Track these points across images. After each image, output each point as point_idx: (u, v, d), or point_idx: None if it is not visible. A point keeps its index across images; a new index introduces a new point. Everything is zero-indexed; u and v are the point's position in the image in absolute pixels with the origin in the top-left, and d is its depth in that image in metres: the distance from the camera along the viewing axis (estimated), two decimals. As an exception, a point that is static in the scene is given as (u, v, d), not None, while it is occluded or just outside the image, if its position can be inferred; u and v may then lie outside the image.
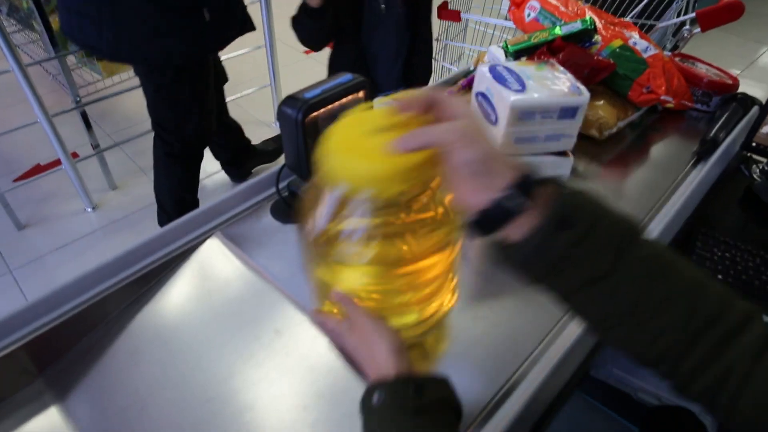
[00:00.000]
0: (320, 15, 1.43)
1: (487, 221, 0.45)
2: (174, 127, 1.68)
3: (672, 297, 0.42)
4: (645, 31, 1.59)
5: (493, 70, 0.82)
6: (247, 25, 1.62)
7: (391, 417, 0.48)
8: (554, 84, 0.81)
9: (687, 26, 1.45)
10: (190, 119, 1.66)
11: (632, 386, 1.17)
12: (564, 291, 0.45)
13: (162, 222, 1.96)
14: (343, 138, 0.50)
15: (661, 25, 1.61)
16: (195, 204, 1.95)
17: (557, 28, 1.03)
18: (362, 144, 0.48)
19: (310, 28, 1.49)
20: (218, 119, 1.90)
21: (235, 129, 2.20)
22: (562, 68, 0.84)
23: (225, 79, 1.91)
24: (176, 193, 1.88)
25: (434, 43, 1.74)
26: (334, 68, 1.66)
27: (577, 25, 1.03)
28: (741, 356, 0.40)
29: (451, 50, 2.17)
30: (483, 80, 0.85)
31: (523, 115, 0.78)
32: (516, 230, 0.43)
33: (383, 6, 1.48)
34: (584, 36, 1.04)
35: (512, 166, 0.44)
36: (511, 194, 0.43)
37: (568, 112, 0.78)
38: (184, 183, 1.88)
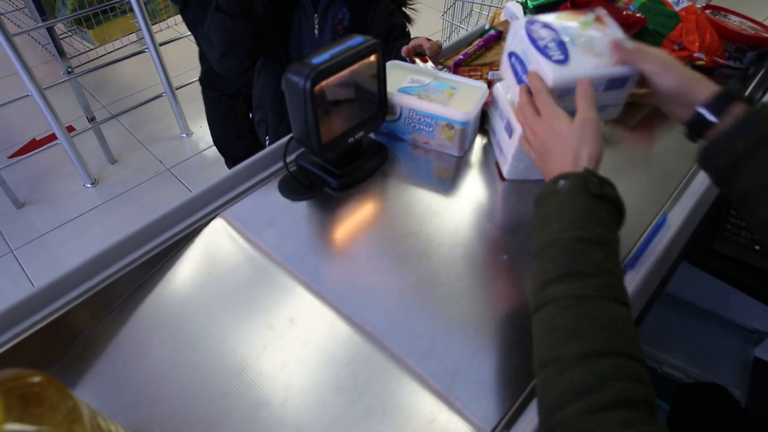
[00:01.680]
0: (242, 5, 1.07)
1: (692, 131, 0.60)
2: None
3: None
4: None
5: (529, 28, 0.70)
6: None
7: (573, 196, 0.54)
8: (602, 49, 0.67)
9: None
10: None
11: (657, 360, 1.14)
12: (740, 194, 0.55)
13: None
14: None
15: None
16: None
17: (582, -20, 0.95)
18: None
19: (226, 28, 1.10)
20: None
21: None
22: (611, 22, 0.71)
23: None
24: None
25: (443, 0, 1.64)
26: (258, 101, 1.39)
27: (603, -23, 0.94)
28: None
29: (459, 7, 2.06)
30: (518, 39, 0.72)
31: (564, 92, 0.68)
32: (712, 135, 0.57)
33: (317, 30, 1.22)
34: (611, -12, 0.96)
35: (710, 88, 0.58)
36: (707, 110, 0.57)
37: (616, 83, 0.69)
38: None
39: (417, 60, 1.00)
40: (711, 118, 0.57)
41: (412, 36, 1.28)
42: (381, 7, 1.24)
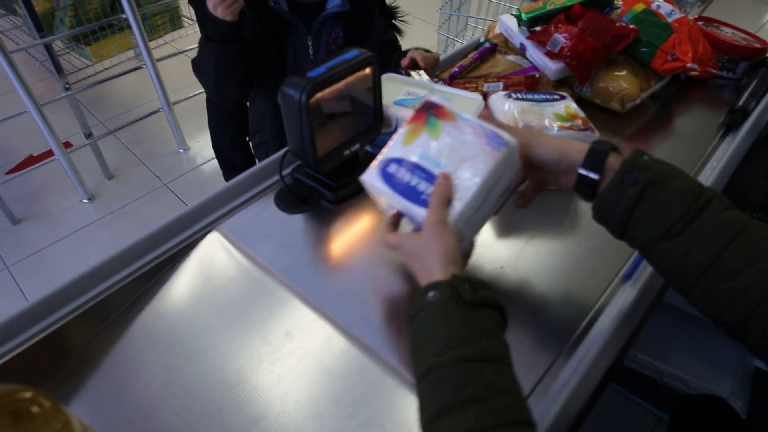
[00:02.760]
0: (231, 33, 1.07)
1: (582, 195, 0.58)
2: None
3: (751, 258, 0.46)
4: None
5: (386, 174, 0.61)
6: None
7: (446, 311, 0.48)
8: (468, 151, 0.58)
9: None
10: None
11: (657, 371, 1.13)
12: (641, 247, 0.53)
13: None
14: None
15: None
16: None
17: (575, -7, 0.96)
18: None
19: (218, 57, 1.10)
20: None
21: None
22: (461, 115, 0.61)
23: None
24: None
25: (438, 15, 1.66)
26: (256, 125, 1.40)
27: (596, -10, 0.95)
28: None
29: (454, 21, 2.08)
30: (390, 199, 0.61)
31: (461, 218, 0.57)
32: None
33: (311, 51, 1.23)
34: (604, 1, 0.97)
35: (579, 149, 0.57)
36: (586, 169, 0.56)
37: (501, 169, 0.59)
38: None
39: (412, 73, 1.01)
40: (593, 176, 0.55)
41: (404, 48, 1.28)
42: (374, 25, 1.25)
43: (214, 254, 0.76)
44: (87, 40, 2.12)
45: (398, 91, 0.91)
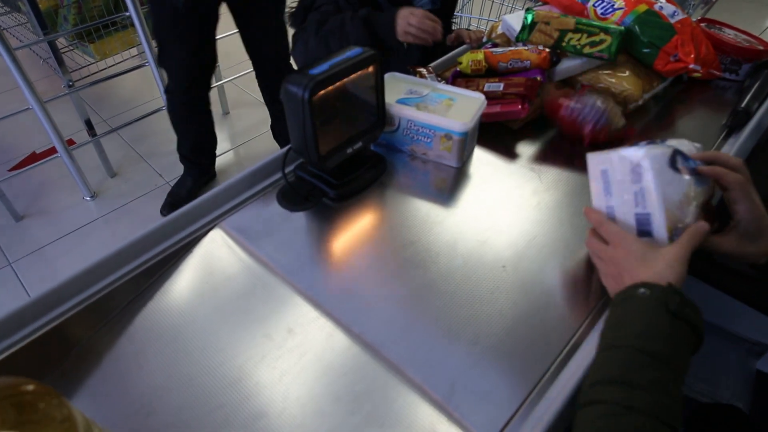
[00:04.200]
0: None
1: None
2: None
3: None
4: None
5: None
6: None
7: (649, 306, 0.54)
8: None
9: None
10: None
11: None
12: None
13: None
14: None
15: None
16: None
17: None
18: None
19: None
20: None
21: None
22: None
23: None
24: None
25: None
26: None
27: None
28: None
29: (456, 21, 2.09)
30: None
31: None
32: None
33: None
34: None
35: None
36: None
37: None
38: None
39: (417, 71, 1.01)
40: None
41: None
42: None
43: (216, 251, 0.76)
44: (90, 38, 2.12)
45: (401, 90, 0.91)
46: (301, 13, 1.30)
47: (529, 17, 1.00)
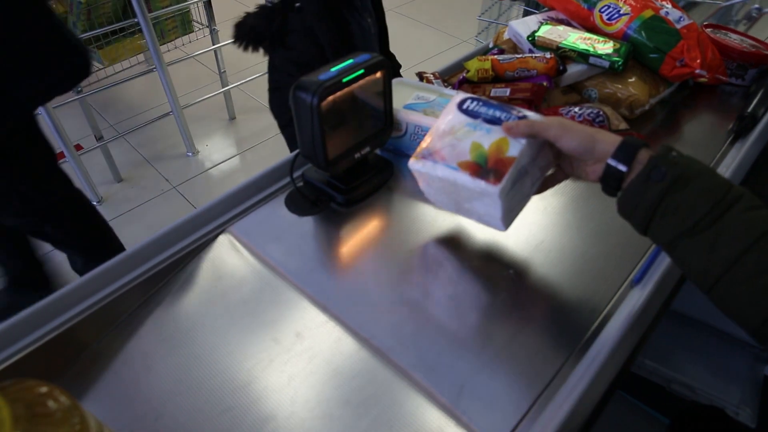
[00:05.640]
0: None
1: (606, 186, 0.58)
2: None
3: None
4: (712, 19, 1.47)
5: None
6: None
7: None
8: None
9: (756, 5, 1.37)
10: None
11: (665, 378, 1.12)
12: (665, 242, 0.53)
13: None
14: None
15: (724, 4, 1.51)
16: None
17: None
18: None
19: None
20: None
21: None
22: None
23: None
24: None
25: (477, 22, 1.67)
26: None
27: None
28: None
29: (493, 29, 2.09)
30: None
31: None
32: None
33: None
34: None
35: (612, 141, 0.57)
36: (615, 160, 0.55)
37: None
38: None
39: (423, 77, 1.02)
40: (621, 167, 0.55)
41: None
42: None
43: (224, 255, 0.77)
44: (99, 44, 2.14)
45: (408, 95, 0.91)
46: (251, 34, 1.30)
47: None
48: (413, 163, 0.70)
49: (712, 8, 1.46)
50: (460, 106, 0.70)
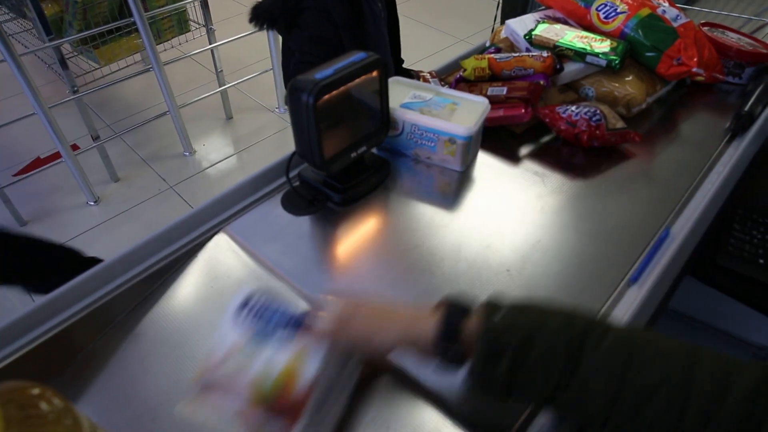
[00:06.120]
0: None
1: (450, 361, 0.50)
2: None
3: (658, 383, 0.41)
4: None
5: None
6: None
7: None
8: None
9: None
10: None
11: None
12: (537, 406, 0.50)
13: None
14: None
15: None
16: None
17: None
18: None
19: None
20: None
21: None
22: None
23: None
24: None
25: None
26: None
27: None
28: None
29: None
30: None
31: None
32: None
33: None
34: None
35: (427, 319, 0.50)
36: (443, 345, 0.48)
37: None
38: None
39: (420, 76, 1.02)
40: (456, 348, 0.49)
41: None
42: None
43: (220, 255, 0.76)
44: (95, 44, 2.13)
45: (405, 94, 0.91)
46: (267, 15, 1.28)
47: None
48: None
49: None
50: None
